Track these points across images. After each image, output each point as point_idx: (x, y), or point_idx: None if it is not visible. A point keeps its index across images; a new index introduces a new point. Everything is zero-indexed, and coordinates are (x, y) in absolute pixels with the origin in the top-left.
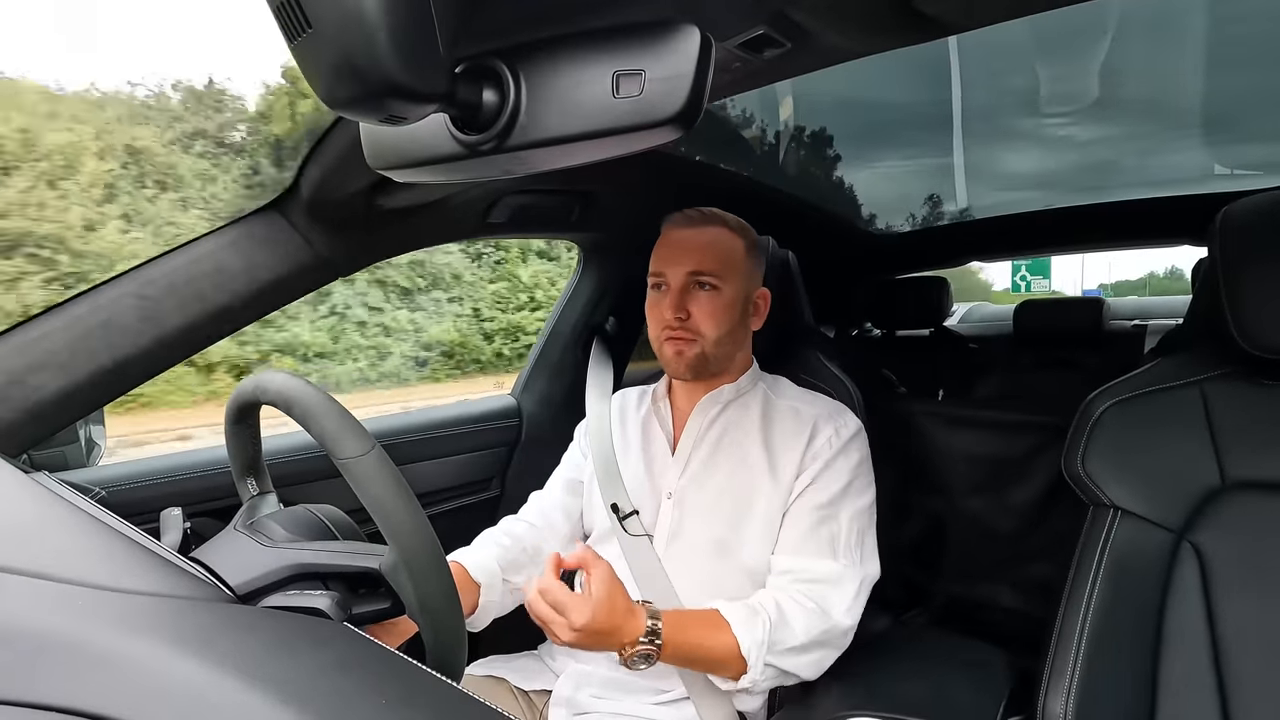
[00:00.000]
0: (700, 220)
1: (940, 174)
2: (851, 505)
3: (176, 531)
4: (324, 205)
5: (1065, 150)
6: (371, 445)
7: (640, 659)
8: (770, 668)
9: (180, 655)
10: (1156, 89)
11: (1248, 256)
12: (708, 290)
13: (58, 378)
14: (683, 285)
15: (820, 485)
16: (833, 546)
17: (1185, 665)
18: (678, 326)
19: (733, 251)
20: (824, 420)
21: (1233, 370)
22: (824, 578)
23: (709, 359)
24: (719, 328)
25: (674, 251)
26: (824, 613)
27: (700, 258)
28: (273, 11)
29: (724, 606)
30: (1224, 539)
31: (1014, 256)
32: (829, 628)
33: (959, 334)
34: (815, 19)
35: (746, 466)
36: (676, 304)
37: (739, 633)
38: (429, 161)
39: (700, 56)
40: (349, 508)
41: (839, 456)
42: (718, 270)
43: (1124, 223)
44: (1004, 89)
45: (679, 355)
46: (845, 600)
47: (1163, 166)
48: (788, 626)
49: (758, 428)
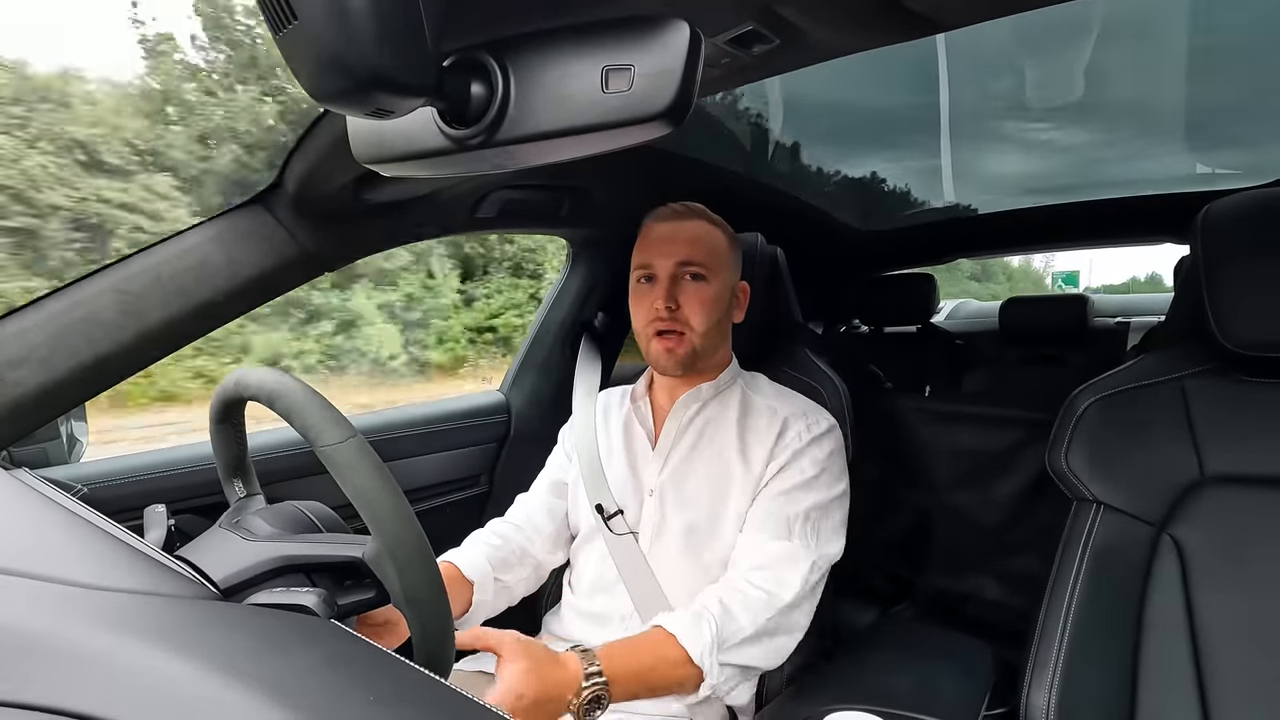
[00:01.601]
0: (685, 214)
1: (928, 174)
2: (816, 494)
3: (160, 529)
4: (309, 199)
5: (1051, 150)
6: (351, 433)
7: (593, 706)
8: (727, 667)
9: (165, 653)
10: (1140, 90)
11: (1228, 255)
12: (697, 281)
13: (38, 373)
14: (672, 275)
15: (786, 474)
16: (789, 528)
17: (1165, 656)
18: (667, 317)
19: (718, 244)
20: (796, 416)
21: (1213, 367)
22: (775, 556)
23: (698, 353)
24: (708, 319)
25: (661, 243)
26: (772, 596)
27: (689, 249)
28: (258, 3)
29: (666, 619)
30: (1202, 532)
31: (1000, 253)
32: (777, 612)
33: (946, 331)
34: (804, 15)
35: (722, 461)
36: (667, 294)
37: (686, 642)
38: (416, 155)
39: (689, 52)
40: (337, 504)
41: (809, 448)
42: (706, 260)
43: (1108, 221)
44: (991, 89)
45: (669, 353)
46: (796, 579)
47: (1146, 166)
48: (734, 620)
49: (734, 424)
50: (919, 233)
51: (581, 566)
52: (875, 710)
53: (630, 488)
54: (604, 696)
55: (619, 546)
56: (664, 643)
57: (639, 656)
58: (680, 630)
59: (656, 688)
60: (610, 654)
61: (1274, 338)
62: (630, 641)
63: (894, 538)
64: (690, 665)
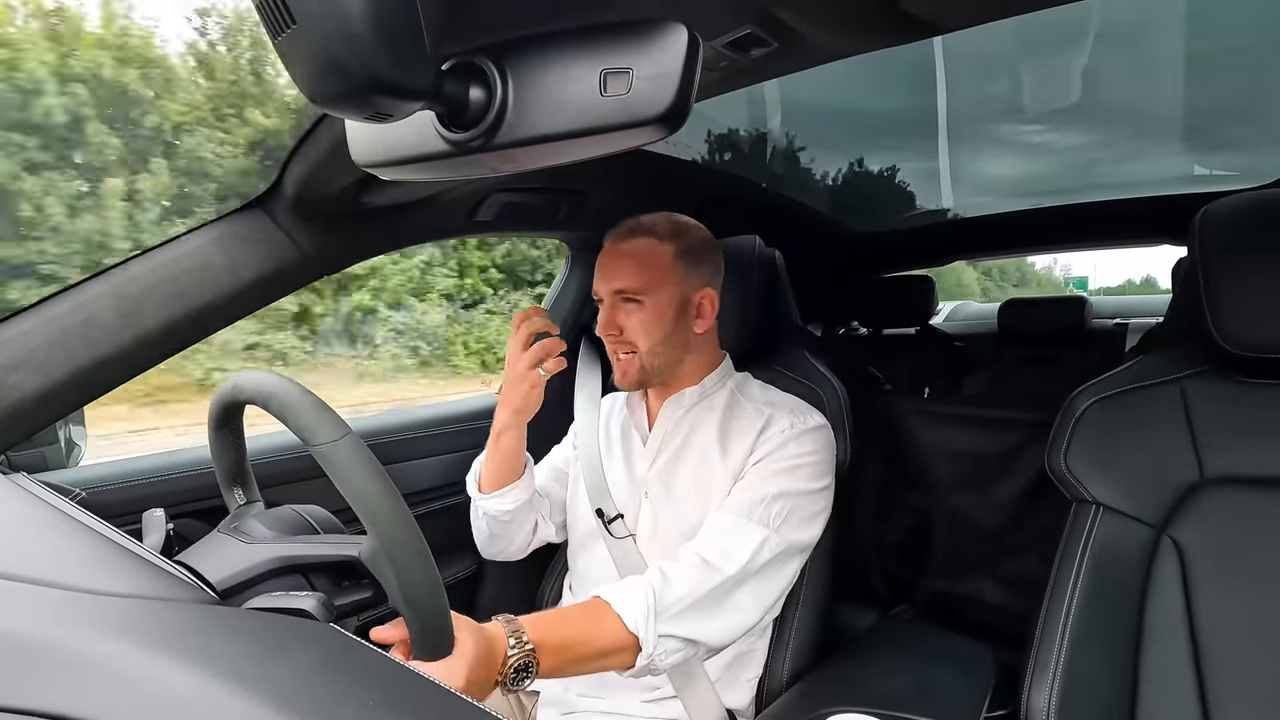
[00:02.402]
0: (627, 234)
1: (926, 176)
2: (790, 483)
3: (159, 533)
4: (308, 203)
5: (1049, 153)
6: (345, 431)
7: (519, 674)
8: (668, 638)
9: (163, 658)
10: (1137, 93)
11: (1226, 256)
12: (633, 303)
13: (36, 377)
14: (611, 302)
15: (764, 463)
16: (749, 507)
17: (1165, 657)
18: (614, 341)
19: (657, 260)
20: (781, 413)
21: (1211, 368)
22: (724, 528)
23: (648, 370)
24: (650, 337)
25: (603, 269)
26: (711, 567)
27: (620, 274)
28: (256, 6)
29: (604, 589)
30: (1202, 533)
31: (999, 255)
32: (719, 585)
33: (945, 332)
34: (802, 18)
35: (707, 461)
36: (607, 321)
37: (621, 609)
38: (415, 159)
39: (688, 55)
40: (335, 507)
41: (791, 442)
42: (639, 284)
43: (1106, 223)
44: (989, 92)
45: (624, 375)
46: (742, 553)
47: (1143, 168)
48: (672, 587)
49: (717, 424)
50: (917, 234)
51: (582, 569)
52: (875, 712)
53: (628, 490)
54: (531, 664)
55: (619, 550)
56: (599, 611)
57: (571, 625)
58: (615, 598)
59: (591, 658)
60: (539, 623)
61: (1272, 339)
62: (563, 610)
63: (894, 540)
64: (626, 633)
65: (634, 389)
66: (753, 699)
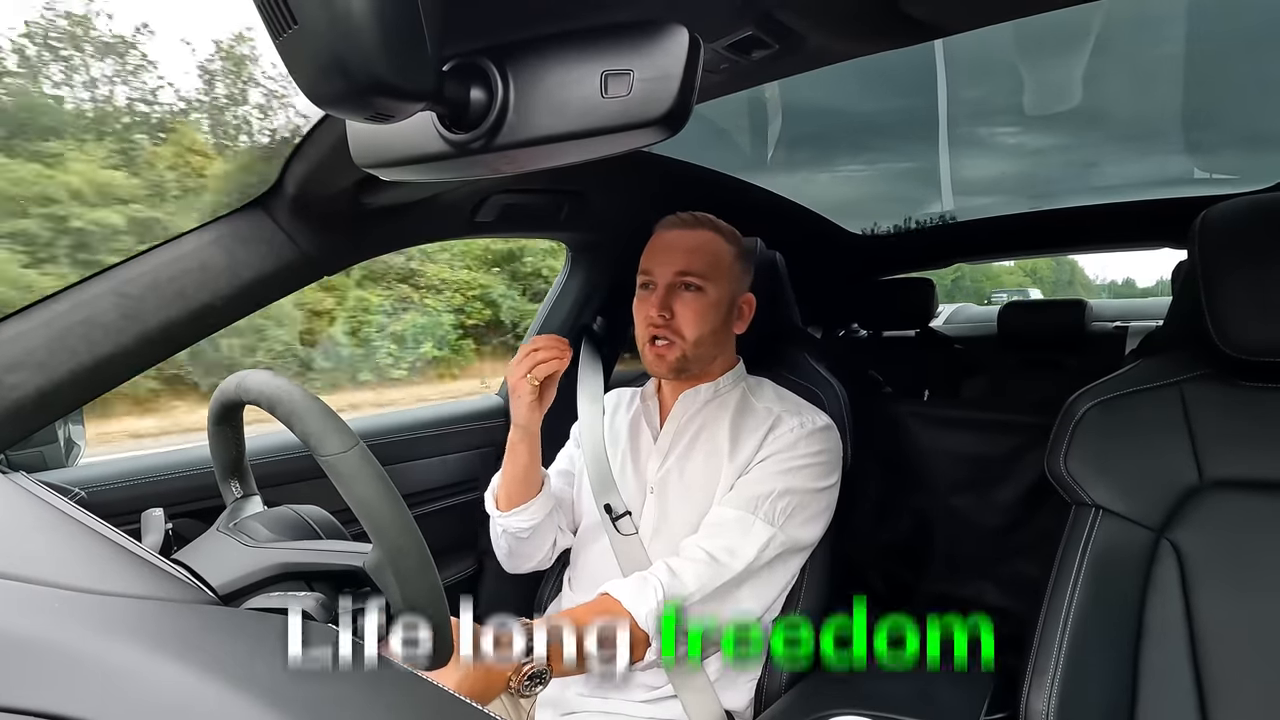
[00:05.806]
0: (692, 223)
1: (926, 179)
2: (796, 480)
3: (158, 533)
4: (309, 203)
5: (1049, 155)
6: (355, 442)
7: (533, 681)
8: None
9: (162, 658)
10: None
11: (1226, 259)
12: (693, 291)
13: (36, 376)
14: (669, 284)
15: (771, 460)
16: (755, 503)
17: (1164, 661)
18: (661, 325)
19: (721, 256)
20: (790, 414)
21: (1211, 371)
22: (731, 524)
23: (689, 360)
24: (700, 328)
25: (663, 252)
26: (719, 564)
27: (688, 259)
28: (257, 6)
29: (612, 585)
30: (1202, 537)
31: (999, 258)
32: (727, 582)
33: (945, 335)
34: (803, 21)
35: (716, 458)
36: (662, 302)
37: (631, 606)
38: (416, 160)
39: (689, 57)
40: (334, 508)
41: (799, 442)
42: (704, 272)
43: (1107, 226)
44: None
45: (660, 359)
46: (749, 549)
47: (1143, 171)
48: (681, 584)
49: (728, 422)
50: (917, 237)
51: (583, 564)
52: (874, 714)
53: (634, 485)
54: (544, 672)
55: (624, 545)
56: (609, 608)
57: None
58: (625, 595)
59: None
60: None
61: (1272, 342)
62: (573, 612)
63: (894, 542)
64: (637, 630)
65: (667, 376)
66: (751, 700)
